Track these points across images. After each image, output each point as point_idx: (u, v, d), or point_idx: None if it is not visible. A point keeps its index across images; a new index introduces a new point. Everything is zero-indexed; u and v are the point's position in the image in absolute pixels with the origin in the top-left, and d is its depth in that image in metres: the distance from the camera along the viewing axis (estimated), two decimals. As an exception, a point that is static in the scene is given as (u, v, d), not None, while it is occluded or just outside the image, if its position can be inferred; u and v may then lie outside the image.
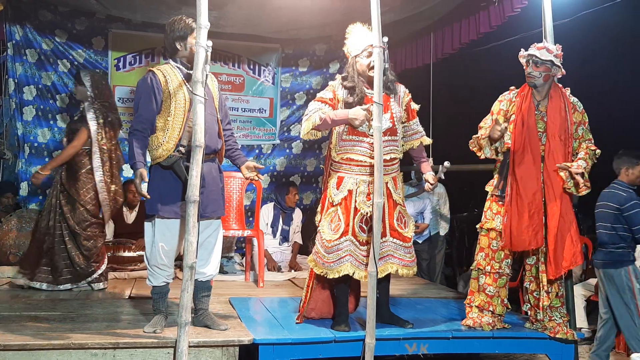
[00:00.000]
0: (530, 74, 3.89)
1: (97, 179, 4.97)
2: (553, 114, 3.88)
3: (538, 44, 3.91)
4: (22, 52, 6.51)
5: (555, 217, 3.84)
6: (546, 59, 3.81)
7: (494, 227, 3.95)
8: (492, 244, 3.96)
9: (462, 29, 6.31)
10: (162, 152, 3.59)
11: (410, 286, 5.52)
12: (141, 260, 5.89)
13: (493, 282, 3.95)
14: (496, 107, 4.04)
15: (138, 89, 3.70)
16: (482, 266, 3.97)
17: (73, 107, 6.72)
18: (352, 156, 3.77)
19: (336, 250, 3.72)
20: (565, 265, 3.85)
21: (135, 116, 3.68)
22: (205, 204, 3.64)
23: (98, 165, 4.97)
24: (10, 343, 3.24)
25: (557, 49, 3.91)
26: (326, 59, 7.55)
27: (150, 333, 3.52)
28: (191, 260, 3.25)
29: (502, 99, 4.05)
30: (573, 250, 3.85)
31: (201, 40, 3.30)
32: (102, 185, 4.98)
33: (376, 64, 3.55)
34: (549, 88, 3.93)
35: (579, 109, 3.99)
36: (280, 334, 3.66)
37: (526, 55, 3.90)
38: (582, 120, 3.99)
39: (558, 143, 3.87)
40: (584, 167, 3.84)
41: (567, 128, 3.90)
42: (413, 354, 3.78)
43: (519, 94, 3.98)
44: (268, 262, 6.13)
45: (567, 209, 3.90)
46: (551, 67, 3.85)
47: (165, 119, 3.61)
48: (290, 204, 6.39)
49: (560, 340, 3.90)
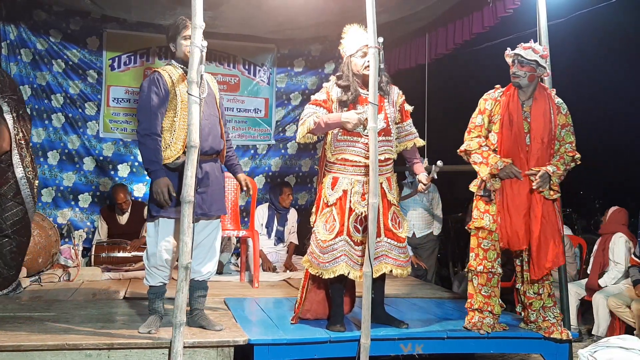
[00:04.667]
0: (515, 74, 3.89)
1: (19, 175, 4.76)
2: (537, 116, 3.87)
3: (524, 44, 3.89)
4: (16, 51, 6.49)
5: (537, 219, 3.84)
6: (531, 58, 3.81)
7: (482, 226, 3.94)
8: (482, 244, 3.95)
9: (456, 30, 6.33)
10: (170, 154, 3.57)
11: (405, 286, 5.53)
12: (136, 261, 5.90)
13: (487, 281, 3.95)
14: (482, 105, 4.02)
15: (145, 90, 3.61)
16: (474, 267, 3.98)
17: (68, 106, 6.72)
18: (347, 156, 3.78)
19: (331, 251, 3.73)
20: (548, 266, 3.85)
21: (145, 118, 3.57)
22: (209, 203, 3.68)
23: (18, 162, 4.76)
24: (4, 344, 3.24)
25: (544, 49, 3.90)
26: (321, 59, 7.55)
27: (145, 333, 3.51)
28: (186, 260, 3.25)
29: (487, 97, 4.02)
30: (556, 251, 3.85)
31: (196, 40, 3.30)
32: (24, 182, 4.79)
33: (371, 65, 3.56)
34: (534, 89, 3.92)
35: (563, 110, 3.98)
36: (275, 335, 3.66)
37: (512, 54, 3.90)
38: (566, 123, 3.97)
39: (540, 146, 3.86)
40: (552, 171, 3.82)
41: (550, 130, 3.89)
42: (408, 354, 3.78)
43: (504, 93, 3.97)
44: (263, 263, 6.13)
45: (549, 210, 3.89)
46: (536, 68, 3.84)
47: (171, 120, 3.59)
48: (285, 205, 6.40)
49: (554, 340, 3.91)
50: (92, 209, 6.83)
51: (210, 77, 3.86)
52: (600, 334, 5.23)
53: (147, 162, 3.56)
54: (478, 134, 3.99)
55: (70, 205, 6.77)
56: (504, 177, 3.86)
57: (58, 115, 6.68)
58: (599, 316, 5.27)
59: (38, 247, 5.50)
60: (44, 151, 6.66)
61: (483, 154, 3.92)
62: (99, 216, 6.58)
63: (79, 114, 6.77)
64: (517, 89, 3.92)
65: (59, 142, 6.73)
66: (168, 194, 3.52)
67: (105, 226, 6.46)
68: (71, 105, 6.75)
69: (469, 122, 4.06)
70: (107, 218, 6.49)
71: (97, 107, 6.85)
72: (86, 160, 6.83)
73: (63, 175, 6.74)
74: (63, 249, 5.99)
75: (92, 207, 6.84)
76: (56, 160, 6.70)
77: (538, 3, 4.43)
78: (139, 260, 5.75)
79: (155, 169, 3.53)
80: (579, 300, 5.67)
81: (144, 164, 3.60)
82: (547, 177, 3.80)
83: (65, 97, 6.71)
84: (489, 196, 3.92)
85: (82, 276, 5.51)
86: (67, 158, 6.76)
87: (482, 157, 3.91)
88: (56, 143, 6.72)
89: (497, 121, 3.94)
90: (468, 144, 4.00)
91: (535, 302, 3.95)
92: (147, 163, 3.56)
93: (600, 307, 5.28)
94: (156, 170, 3.53)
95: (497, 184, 3.89)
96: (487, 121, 3.98)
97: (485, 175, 3.88)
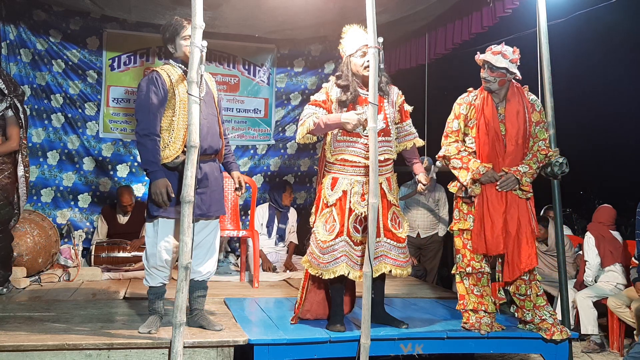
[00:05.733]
0: (485, 79, 3.88)
1: (19, 173, 4.87)
2: (511, 118, 3.87)
3: (495, 48, 3.86)
4: (16, 52, 6.48)
5: (514, 221, 3.85)
6: (500, 66, 3.79)
7: (467, 228, 3.94)
8: (467, 245, 3.95)
9: (455, 30, 6.33)
10: (169, 153, 3.56)
11: (405, 286, 5.53)
12: (136, 261, 5.89)
13: (477, 281, 3.95)
14: (457, 110, 4.01)
15: (144, 89, 3.58)
16: (463, 268, 3.98)
17: (68, 107, 6.72)
18: (347, 157, 3.78)
19: (331, 251, 3.73)
20: (521, 267, 3.84)
21: (144, 118, 3.55)
22: (208, 203, 3.68)
23: (20, 160, 4.87)
24: (4, 344, 3.23)
25: (514, 52, 3.84)
26: (321, 59, 7.55)
27: (145, 333, 3.51)
28: (186, 260, 3.25)
29: (461, 102, 4.01)
30: (528, 252, 3.84)
31: (196, 41, 3.30)
32: (22, 181, 4.89)
33: (371, 65, 3.56)
34: (507, 91, 3.92)
35: (537, 108, 3.98)
36: (275, 335, 3.66)
37: (481, 60, 3.89)
38: (540, 120, 3.97)
39: (515, 147, 3.87)
40: (523, 172, 3.82)
41: (525, 130, 3.89)
42: (408, 354, 3.78)
43: (478, 95, 3.97)
44: (263, 263, 6.13)
45: (523, 211, 3.89)
46: (506, 73, 3.83)
47: (170, 119, 3.58)
48: (287, 203, 6.43)
49: (554, 341, 3.91)
50: (92, 209, 6.82)
51: (209, 76, 3.85)
52: (590, 331, 5.23)
53: (146, 162, 3.54)
54: (455, 138, 4.00)
55: (70, 206, 6.77)
56: (485, 182, 3.86)
57: (58, 116, 6.68)
58: (583, 316, 5.27)
59: (38, 247, 5.50)
60: (43, 151, 6.66)
61: (463, 159, 3.92)
62: (100, 216, 6.58)
63: (78, 114, 6.77)
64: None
65: (59, 142, 6.72)
66: (167, 195, 3.51)
67: (105, 226, 6.46)
68: (71, 106, 6.74)
69: (445, 126, 4.06)
70: (107, 218, 6.49)
71: (97, 107, 6.84)
72: (86, 161, 6.83)
73: (63, 175, 6.74)
74: (63, 249, 5.98)
75: (91, 207, 6.83)
76: (56, 160, 6.70)
77: (538, 3, 4.43)
78: (138, 260, 5.75)
79: (154, 169, 3.52)
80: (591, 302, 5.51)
81: (143, 164, 3.59)
82: (514, 180, 3.81)
83: (65, 97, 6.71)
84: (469, 198, 3.92)
85: (82, 276, 5.51)
86: (66, 158, 6.75)
87: (462, 162, 3.92)
88: (56, 143, 6.72)
89: (473, 125, 3.93)
90: (447, 149, 4.00)
91: (527, 303, 3.95)
92: (145, 163, 3.55)
93: (583, 307, 5.28)
94: (155, 171, 3.52)
95: (478, 189, 3.88)
96: (463, 125, 3.98)
97: (467, 181, 3.87)
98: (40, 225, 5.64)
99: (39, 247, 5.50)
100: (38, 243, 5.51)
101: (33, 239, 5.44)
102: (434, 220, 6.71)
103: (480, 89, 3.98)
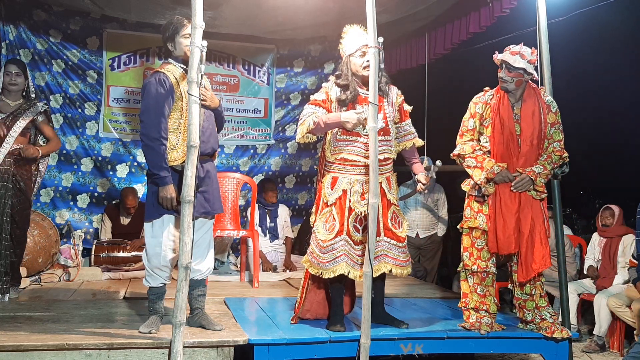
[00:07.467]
0: (502, 79, 3.87)
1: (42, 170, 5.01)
2: (527, 119, 3.86)
3: (513, 48, 3.85)
4: (15, 52, 6.47)
5: (527, 219, 3.84)
6: (518, 66, 3.78)
7: (476, 226, 3.93)
8: (476, 243, 3.95)
9: (454, 30, 6.34)
10: (177, 155, 3.55)
11: (405, 286, 5.53)
12: (136, 261, 5.89)
13: (482, 281, 3.95)
14: (473, 109, 4.00)
15: (152, 91, 3.52)
16: (469, 266, 3.97)
17: (67, 107, 6.72)
18: (346, 156, 3.78)
19: (331, 250, 3.73)
20: (535, 267, 3.83)
21: (152, 121, 3.50)
22: (212, 202, 3.72)
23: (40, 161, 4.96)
24: (4, 344, 3.23)
25: (532, 53, 3.84)
26: (321, 60, 7.55)
27: (146, 333, 3.51)
28: (186, 260, 3.25)
29: (477, 100, 4.01)
30: (542, 252, 3.83)
31: (196, 40, 3.30)
32: (39, 180, 5.00)
33: (371, 64, 3.55)
34: (523, 91, 3.91)
35: (553, 109, 3.97)
36: (275, 335, 3.66)
37: (499, 60, 3.89)
38: (556, 121, 3.96)
39: (530, 148, 3.86)
40: (537, 172, 3.82)
41: (540, 130, 3.88)
42: (408, 354, 3.78)
43: (494, 95, 3.96)
44: (263, 264, 6.12)
45: (537, 212, 3.88)
46: (523, 74, 3.83)
47: (177, 121, 3.57)
48: (273, 200, 6.43)
49: (554, 340, 3.91)
50: (91, 210, 6.82)
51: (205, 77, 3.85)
52: (602, 334, 5.23)
53: (156, 167, 3.49)
54: (471, 137, 3.99)
55: (69, 206, 6.76)
56: (499, 181, 3.85)
57: (56, 116, 6.66)
58: (600, 317, 5.27)
59: (38, 247, 5.50)
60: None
61: (477, 158, 3.91)
62: (104, 215, 6.58)
63: (78, 114, 6.77)
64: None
65: (58, 142, 6.71)
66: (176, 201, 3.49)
67: (110, 224, 6.46)
68: (70, 106, 6.74)
69: (461, 125, 4.05)
70: (111, 217, 6.49)
71: (97, 107, 6.84)
72: (84, 161, 6.82)
73: (62, 175, 6.73)
74: (63, 249, 5.98)
75: (90, 208, 6.83)
76: (55, 160, 6.68)
77: (538, 2, 4.42)
78: (138, 260, 5.74)
79: (165, 175, 3.49)
80: (578, 297, 5.63)
81: (152, 168, 3.52)
82: (528, 181, 3.81)
83: (64, 97, 6.70)
84: (482, 197, 3.92)
85: (82, 276, 5.51)
86: (65, 159, 6.74)
87: (477, 161, 3.91)
88: (55, 144, 6.71)
89: (488, 125, 3.93)
90: (461, 148, 3.99)
91: (529, 303, 3.95)
92: (155, 168, 3.50)
93: (602, 307, 5.27)
94: (165, 176, 3.50)
95: (492, 188, 3.87)
96: (478, 124, 3.97)
97: (481, 180, 3.87)
98: (40, 225, 5.64)
99: (39, 247, 5.50)
100: (38, 243, 5.51)
101: (33, 239, 5.43)
102: (433, 220, 6.71)
103: (496, 89, 3.97)
